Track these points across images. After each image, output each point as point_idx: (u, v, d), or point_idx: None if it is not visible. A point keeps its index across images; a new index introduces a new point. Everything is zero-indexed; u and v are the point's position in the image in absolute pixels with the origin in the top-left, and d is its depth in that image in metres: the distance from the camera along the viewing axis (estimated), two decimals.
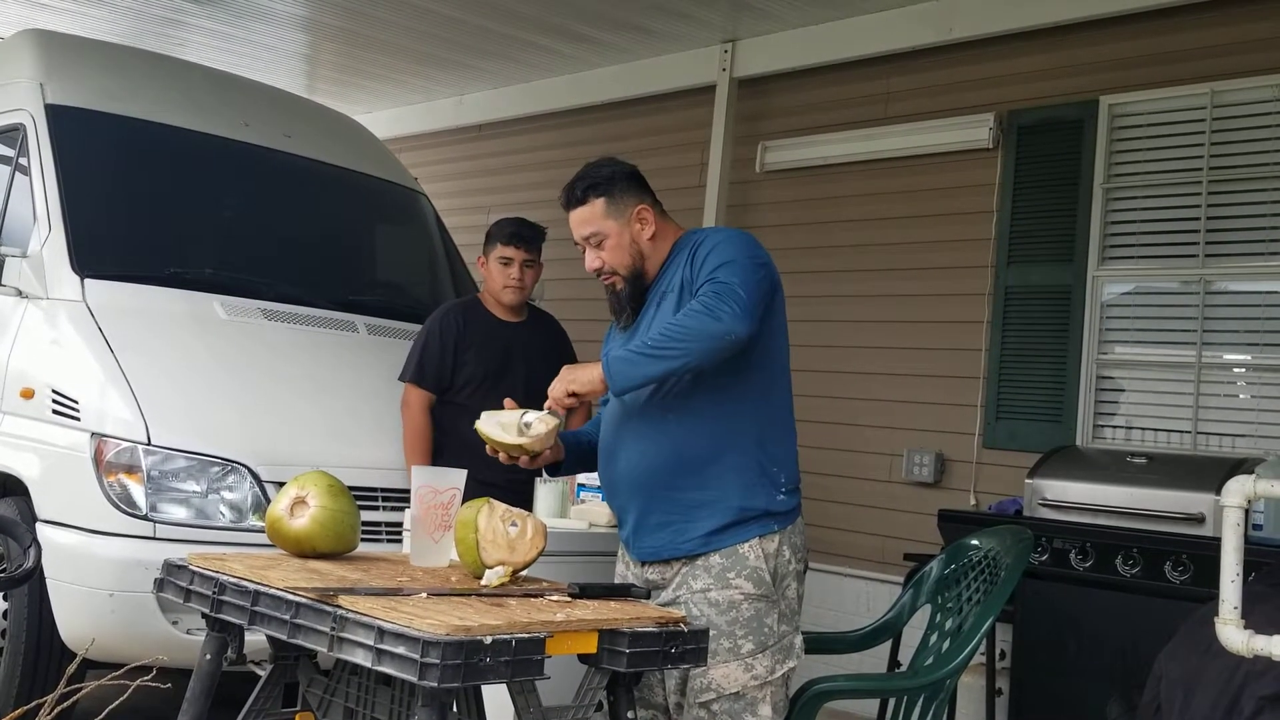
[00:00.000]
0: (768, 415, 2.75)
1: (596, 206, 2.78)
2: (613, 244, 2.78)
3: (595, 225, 2.79)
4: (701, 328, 2.52)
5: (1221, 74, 4.82)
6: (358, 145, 5.77)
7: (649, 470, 2.71)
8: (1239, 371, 4.82)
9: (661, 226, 2.82)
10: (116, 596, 3.66)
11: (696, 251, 2.70)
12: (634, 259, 2.79)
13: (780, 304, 2.76)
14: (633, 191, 2.82)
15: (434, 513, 2.49)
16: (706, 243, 2.71)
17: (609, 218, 2.78)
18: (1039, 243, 5.28)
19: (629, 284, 2.80)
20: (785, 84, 6.31)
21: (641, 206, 2.80)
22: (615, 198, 2.79)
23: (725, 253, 2.65)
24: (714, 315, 2.51)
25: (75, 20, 6.89)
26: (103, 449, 3.80)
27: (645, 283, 2.81)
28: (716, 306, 2.52)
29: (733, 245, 2.68)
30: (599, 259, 2.80)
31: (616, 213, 2.79)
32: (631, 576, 2.80)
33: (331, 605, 2.06)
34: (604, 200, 2.78)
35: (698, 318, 2.53)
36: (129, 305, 4.23)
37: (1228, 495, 2.14)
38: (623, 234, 2.78)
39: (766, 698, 2.64)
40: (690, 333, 2.52)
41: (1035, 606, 4.21)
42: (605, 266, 2.80)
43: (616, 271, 2.80)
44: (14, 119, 4.65)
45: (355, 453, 4.11)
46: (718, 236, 2.74)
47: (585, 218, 2.80)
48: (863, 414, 5.69)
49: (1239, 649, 2.12)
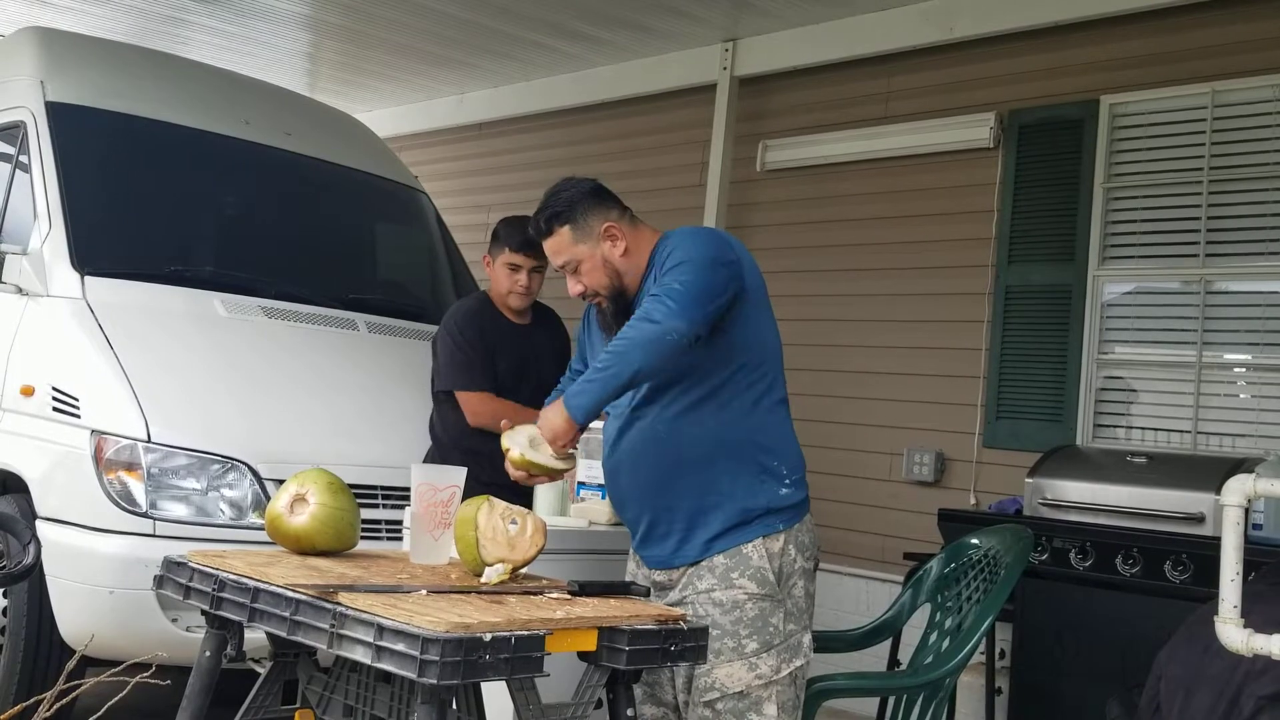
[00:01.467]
0: (760, 411, 2.73)
1: (563, 235, 2.77)
2: (588, 267, 2.77)
3: (567, 253, 2.78)
4: (638, 335, 2.52)
5: (1222, 74, 4.82)
6: (359, 143, 5.77)
7: (651, 484, 2.73)
8: (1239, 371, 4.82)
9: (634, 237, 2.79)
10: (116, 593, 3.67)
11: (662, 259, 2.69)
12: (611, 277, 2.77)
13: (757, 297, 2.73)
14: (596, 210, 2.79)
15: (434, 510, 2.49)
16: (666, 247, 2.69)
17: (578, 243, 2.77)
18: (1040, 242, 5.28)
19: (612, 302, 2.79)
20: (786, 83, 6.31)
21: (607, 225, 2.77)
22: (579, 222, 2.77)
23: (678, 255, 2.63)
24: (649, 319, 2.52)
25: (76, 18, 6.89)
26: (103, 446, 3.80)
27: (628, 297, 2.80)
28: (652, 309, 2.53)
29: (687, 245, 2.66)
30: (580, 283, 2.80)
31: (584, 236, 2.77)
32: (640, 577, 2.81)
33: (331, 602, 2.06)
34: (568, 228, 2.77)
35: (635, 325, 2.54)
36: (129, 303, 4.23)
37: (1228, 494, 2.14)
38: (594, 255, 2.76)
39: (772, 697, 2.63)
40: (630, 343, 2.52)
41: (1035, 606, 4.21)
42: (587, 290, 2.80)
43: (599, 292, 2.79)
44: (15, 116, 4.66)
45: (355, 450, 4.11)
46: (677, 239, 2.71)
47: (556, 248, 2.79)
48: (863, 413, 5.69)
49: (1239, 648, 2.12)
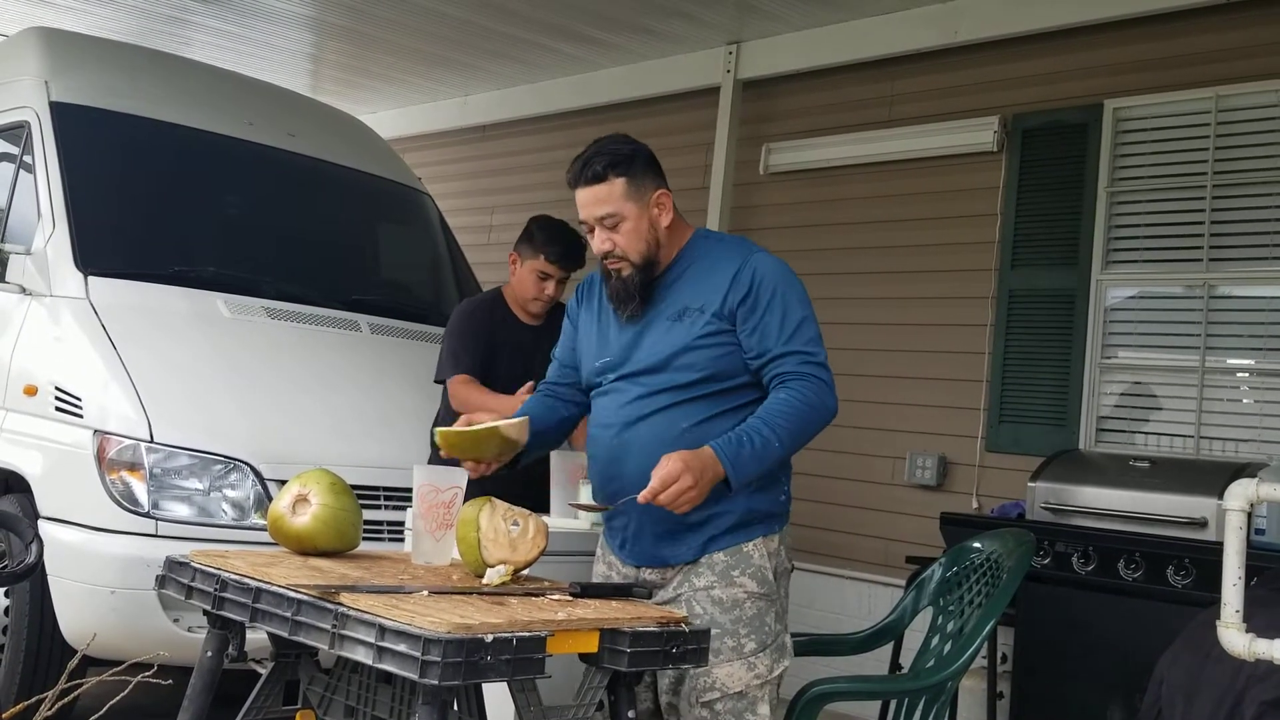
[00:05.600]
0: None
1: (616, 186, 2.60)
2: (629, 228, 2.61)
3: (613, 205, 2.60)
4: (821, 420, 2.58)
5: (1226, 79, 4.81)
6: (362, 145, 5.77)
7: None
8: (1242, 376, 4.82)
9: (676, 218, 2.69)
10: (118, 593, 3.67)
11: (753, 286, 2.58)
12: (649, 246, 2.63)
13: None
14: (653, 174, 2.66)
15: (436, 511, 2.49)
16: (762, 277, 2.59)
17: (629, 199, 2.60)
18: (1043, 246, 5.28)
19: (640, 272, 2.63)
20: (790, 86, 6.31)
21: (661, 191, 2.65)
22: (636, 178, 2.61)
23: (794, 307, 2.60)
24: (827, 406, 2.58)
25: (80, 18, 6.90)
26: (105, 446, 3.80)
27: (655, 273, 2.66)
28: (829, 390, 2.59)
29: (794, 292, 2.63)
30: (611, 241, 2.62)
31: (636, 194, 2.61)
32: (616, 576, 2.73)
33: (333, 603, 2.06)
34: (625, 180, 2.60)
35: (820, 403, 2.56)
36: (132, 303, 4.23)
37: (1230, 499, 2.13)
38: (641, 218, 2.61)
39: (765, 696, 2.63)
40: (812, 425, 2.57)
41: (1037, 610, 4.21)
42: (616, 250, 2.62)
43: (627, 257, 2.63)
44: (18, 116, 4.66)
45: (357, 451, 4.11)
46: (775, 276, 2.61)
47: (602, 196, 2.60)
48: (865, 417, 5.67)
49: (1241, 653, 2.12)
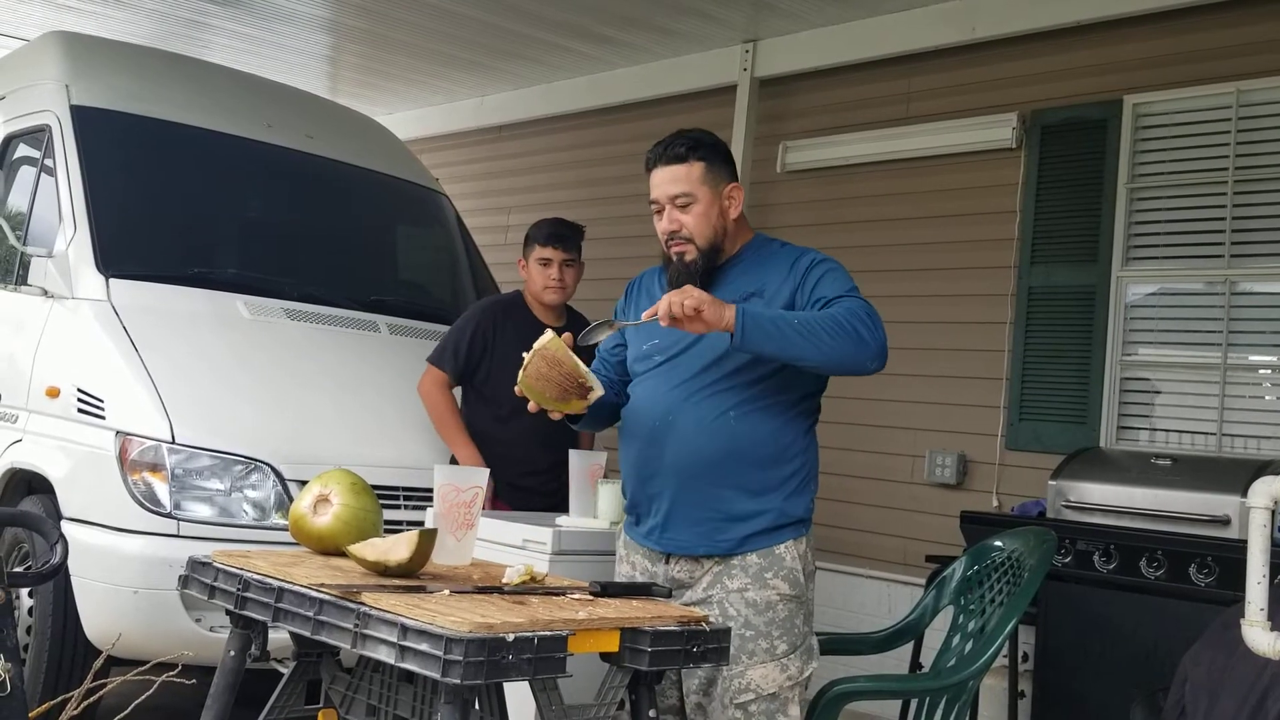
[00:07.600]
0: (812, 428, 2.76)
1: (695, 169, 2.69)
2: (700, 211, 2.68)
3: (689, 187, 2.68)
4: (852, 345, 2.50)
5: (1247, 73, 4.78)
6: (379, 146, 5.79)
7: (703, 464, 2.62)
8: (1264, 373, 4.79)
9: (741, 216, 2.77)
10: (141, 594, 3.69)
11: (811, 266, 2.67)
12: (716, 233, 2.70)
13: None
14: (729, 168, 2.77)
15: (457, 511, 2.49)
16: (814, 262, 2.68)
17: (705, 184, 2.69)
18: (1062, 243, 5.25)
19: (703, 257, 2.69)
20: (806, 84, 6.30)
21: (734, 185, 2.75)
22: (715, 167, 2.71)
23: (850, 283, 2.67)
24: (865, 339, 2.51)
25: (100, 22, 6.94)
26: (127, 447, 3.82)
27: (717, 261, 2.72)
28: (874, 331, 2.53)
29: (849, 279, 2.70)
30: (679, 222, 2.69)
31: (713, 181, 2.70)
32: (640, 575, 2.73)
33: (355, 602, 2.07)
34: (704, 165, 2.69)
35: (857, 329, 2.51)
36: (153, 305, 4.25)
37: (1253, 497, 2.12)
38: (712, 205, 2.69)
39: (795, 697, 2.65)
40: (845, 334, 2.50)
41: (1058, 608, 4.19)
42: (683, 231, 2.69)
43: (693, 240, 2.69)
44: (39, 120, 4.69)
45: (377, 452, 4.13)
46: (831, 262, 2.71)
47: (679, 176, 2.69)
48: (885, 415, 5.67)
49: (1265, 651, 2.11)
